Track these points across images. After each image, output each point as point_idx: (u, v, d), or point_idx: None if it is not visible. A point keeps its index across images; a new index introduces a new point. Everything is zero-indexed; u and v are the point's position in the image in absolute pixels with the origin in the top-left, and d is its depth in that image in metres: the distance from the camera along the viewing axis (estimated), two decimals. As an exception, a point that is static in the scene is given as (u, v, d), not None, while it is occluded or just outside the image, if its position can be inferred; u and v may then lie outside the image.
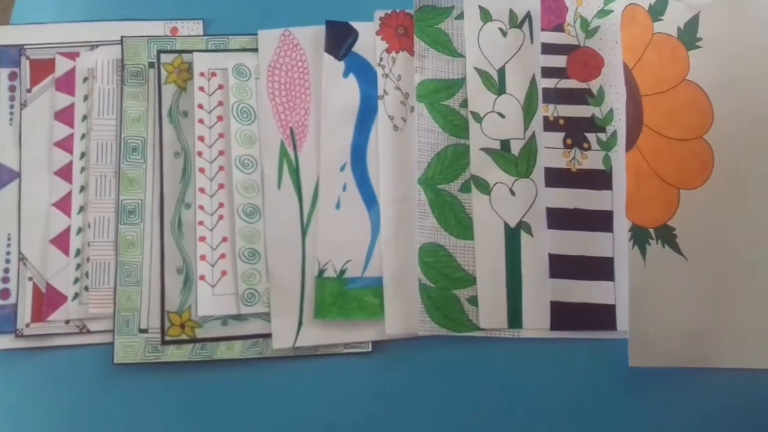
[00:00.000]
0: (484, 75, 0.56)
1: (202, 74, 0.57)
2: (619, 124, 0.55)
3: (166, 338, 0.53)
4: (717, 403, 0.52)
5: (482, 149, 0.55)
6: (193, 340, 0.53)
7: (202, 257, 0.54)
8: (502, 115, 0.56)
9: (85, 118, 0.57)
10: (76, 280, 0.54)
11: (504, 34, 0.57)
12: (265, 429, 0.52)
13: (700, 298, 0.52)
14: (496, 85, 0.56)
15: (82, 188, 0.56)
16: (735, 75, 0.54)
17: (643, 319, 0.51)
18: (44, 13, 0.60)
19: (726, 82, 0.54)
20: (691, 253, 0.52)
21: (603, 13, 0.56)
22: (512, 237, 0.54)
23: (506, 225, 0.54)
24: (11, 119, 0.57)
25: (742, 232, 0.53)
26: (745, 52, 0.54)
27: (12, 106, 0.57)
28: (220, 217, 0.55)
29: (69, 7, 0.60)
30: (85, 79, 0.57)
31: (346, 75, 0.57)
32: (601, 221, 0.54)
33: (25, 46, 0.58)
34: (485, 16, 0.57)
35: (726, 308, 0.52)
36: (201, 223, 0.54)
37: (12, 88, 0.58)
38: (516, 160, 0.55)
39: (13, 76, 0.58)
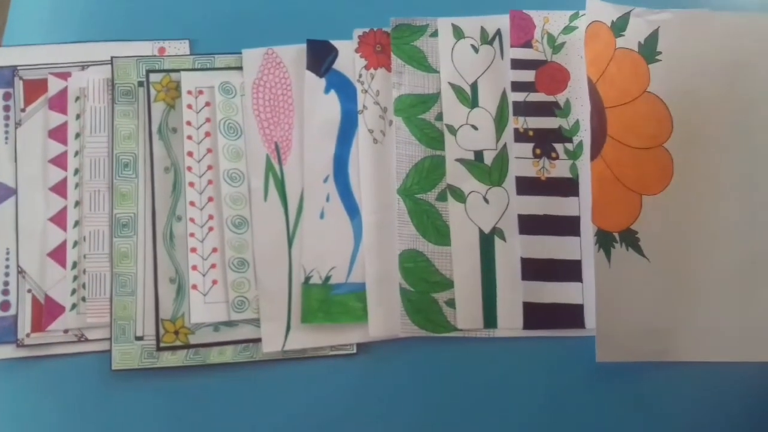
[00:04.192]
0: (457, 90, 0.59)
1: (189, 92, 0.59)
2: (585, 135, 0.58)
3: (161, 345, 0.56)
4: (678, 394, 0.56)
5: (457, 160, 0.58)
6: (187, 346, 0.56)
7: (194, 267, 0.57)
8: (475, 128, 0.59)
9: (78, 135, 0.59)
10: (74, 291, 0.57)
11: (476, 50, 0.60)
12: (257, 428, 0.55)
13: (662, 297, 0.55)
14: (469, 99, 0.59)
15: (77, 203, 0.58)
16: (692, 86, 0.57)
17: (608, 318, 0.54)
18: (35, 34, 0.61)
19: (684, 93, 0.57)
20: (653, 255, 0.55)
21: (568, 29, 0.59)
22: (486, 242, 0.57)
23: (481, 231, 0.57)
24: (6, 138, 0.59)
25: (700, 234, 0.56)
26: (702, 65, 0.58)
27: (7, 126, 0.59)
28: (210, 229, 0.57)
29: (59, 29, 0.62)
30: (77, 98, 0.59)
31: (327, 91, 0.59)
32: (568, 226, 0.57)
33: (18, 67, 0.60)
34: (458, 33, 0.60)
35: (685, 306, 0.55)
36: (192, 234, 0.57)
37: (6, 108, 0.59)
38: (489, 170, 0.58)
39: (7, 96, 0.60)
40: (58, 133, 0.59)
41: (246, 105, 0.59)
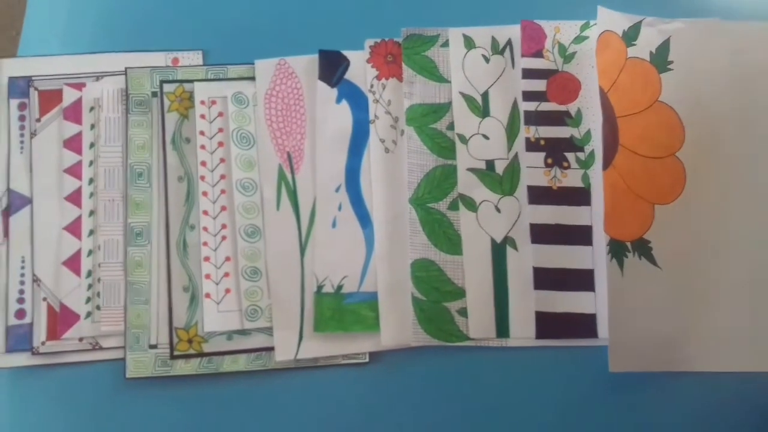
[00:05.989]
0: (469, 99, 0.59)
1: (202, 102, 0.60)
2: (597, 144, 0.58)
3: (175, 353, 0.56)
4: (692, 404, 0.56)
5: (469, 169, 0.58)
6: (200, 355, 0.56)
7: (207, 276, 0.57)
8: (486, 137, 0.59)
9: (92, 145, 0.59)
10: (88, 300, 0.57)
11: (487, 60, 0.60)
12: (269, 437, 0.56)
13: (675, 307, 0.55)
14: (481, 108, 0.59)
15: (92, 212, 0.58)
16: (704, 95, 0.57)
17: (621, 327, 0.54)
18: (50, 45, 0.62)
19: (696, 103, 0.57)
20: (665, 264, 0.55)
21: (579, 39, 0.60)
22: (498, 252, 0.57)
23: (492, 240, 0.57)
24: (22, 148, 0.60)
25: (712, 243, 0.56)
26: (714, 74, 0.58)
27: (22, 136, 0.60)
28: (223, 238, 0.58)
29: (74, 40, 0.62)
30: (92, 108, 0.60)
31: (339, 101, 0.60)
32: (581, 235, 0.57)
33: (33, 78, 0.61)
34: (469, 43, 0.60)
35: (699, 315, 0.55)
36: (205, 243, 0.57)
37: (22, 118, 0.60)
38: (500, 179, 0.58)
39: (22, 107, 0.60)
40: (73, 143, 0.60)
41: (258, 115, 0.59)
